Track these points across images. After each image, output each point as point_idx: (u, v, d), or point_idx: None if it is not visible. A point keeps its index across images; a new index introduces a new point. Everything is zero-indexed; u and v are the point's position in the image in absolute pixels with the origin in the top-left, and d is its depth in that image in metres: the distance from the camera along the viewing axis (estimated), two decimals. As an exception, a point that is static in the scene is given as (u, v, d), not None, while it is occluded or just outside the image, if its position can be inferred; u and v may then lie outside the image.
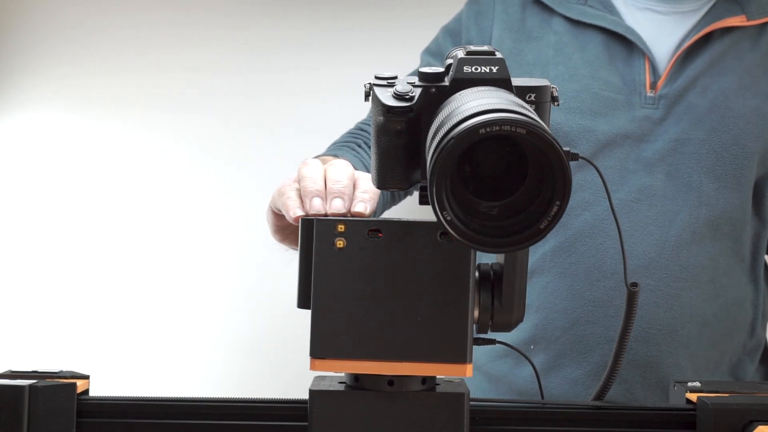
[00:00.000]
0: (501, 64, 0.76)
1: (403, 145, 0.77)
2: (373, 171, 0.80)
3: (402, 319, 0.79)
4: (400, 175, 0.78)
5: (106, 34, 2.03)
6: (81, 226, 2.02)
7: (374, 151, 0.79)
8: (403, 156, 0.77)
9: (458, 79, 0.76)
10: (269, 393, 0.90)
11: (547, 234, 0.67)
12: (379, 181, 0.79)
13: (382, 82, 0.79)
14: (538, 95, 0.78)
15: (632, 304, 0.89)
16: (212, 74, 2.03)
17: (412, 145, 0.77)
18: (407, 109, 0.76)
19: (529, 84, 0.78)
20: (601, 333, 1.31)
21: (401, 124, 0.77)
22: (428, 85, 0.77)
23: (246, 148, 2.03)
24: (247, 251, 1.98)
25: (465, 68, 0.76)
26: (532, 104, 0.77)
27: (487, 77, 0.76)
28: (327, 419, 0.81)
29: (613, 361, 0.91)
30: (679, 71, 1.34)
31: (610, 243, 1.31)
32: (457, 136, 0.63)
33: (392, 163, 0.78)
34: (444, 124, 0.67)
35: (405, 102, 0.76)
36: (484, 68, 0.76)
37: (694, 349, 1.31)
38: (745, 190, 1.34)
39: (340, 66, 2.03)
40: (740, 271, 1.35)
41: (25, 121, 2.05)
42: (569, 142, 1.33)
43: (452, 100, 0.73)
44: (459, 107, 0.68)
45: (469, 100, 0.69)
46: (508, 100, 0.69)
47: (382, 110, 0.77)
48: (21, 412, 0.81)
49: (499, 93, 0.71)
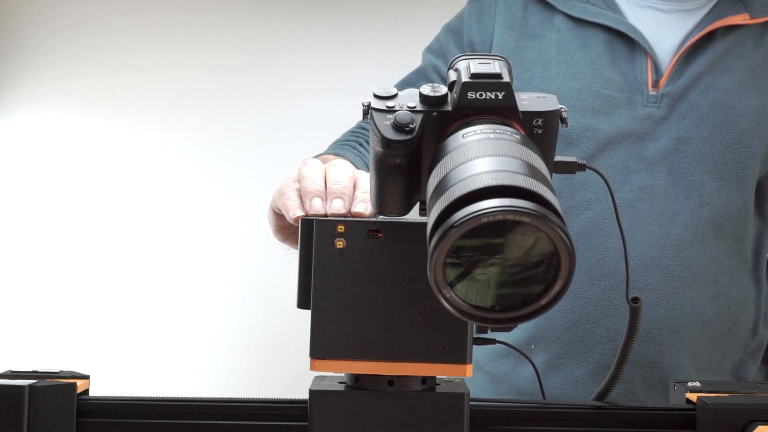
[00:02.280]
0: (507, 89, 0.72)
1: (402, 174, 0.74)
2: (372, 195, 0.78)
3: (402, 320, 0.79)
4: (399, 203, 0.75)
5: (106, 34, 2.03)
6: (81, 226, 2.02)
7: (373, 176, 0.77)
8: (402, 185, 0.75)
9: (462, 106, 0.72)
10: (269, 393, 0.90)
11: (548, 310, 0.64)
12: (379, 207, 0.77)
13: (380, 105, 0.74)
14: (545, 120, 0.74)
15: (635, 320, 0.88)
16: (212, 74, 2.03)
17: (411, 171, 0.74)
18: (408, 142, 0.73)
19: (536, 108, 0.74)
20: (601, 332, 1.30)
21: (401, 157, 0.74)
22: (430, 109, 0.73)
23: (246, 148, 2.03)
24: (247, 251, 1.98)
25: (469, 94, 0.72)
26: (539, 130, 0.74)
27: (492, 104, 0.72)
28: (327, 419, 0.81)
29: (614, 370, 0.91)
30: (682, 70, 1.33)
31: (611, 242, 1.31)
32: (459, 225, 0.59)
33: (391, 192, 0.75)
34: (445, 192, 0.63)
35: (405, 135, 0.73)
36: (489, 94, 0.72)
37: (696, 349, 1.31)
38: (747, 189, 1.33)
39: (340, 66, 2.04)
40: (742, 271, 1.35)
41: (25, 121, 2.05)
42: (571, 141, 1.33)
43: (456, 153, 0.67)
44: (462, 179, 0.63)
45: (473, 171, 0.63)
46: (515, 164, 0.63)
47: (381, 142, 0.73)
48: (21, 412, 0.81)
49: (504, 148, 0.66)
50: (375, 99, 0.75)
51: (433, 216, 0.63)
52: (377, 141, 0.73)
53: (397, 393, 0.81)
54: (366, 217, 0.87)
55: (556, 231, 0.60)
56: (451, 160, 0.67)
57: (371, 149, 0.76)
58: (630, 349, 0.89)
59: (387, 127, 0.73)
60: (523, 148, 0.67)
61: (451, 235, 0.60)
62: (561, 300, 0.62)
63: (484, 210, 0.59)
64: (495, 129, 0.69)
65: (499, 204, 0.59)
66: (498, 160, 0.63)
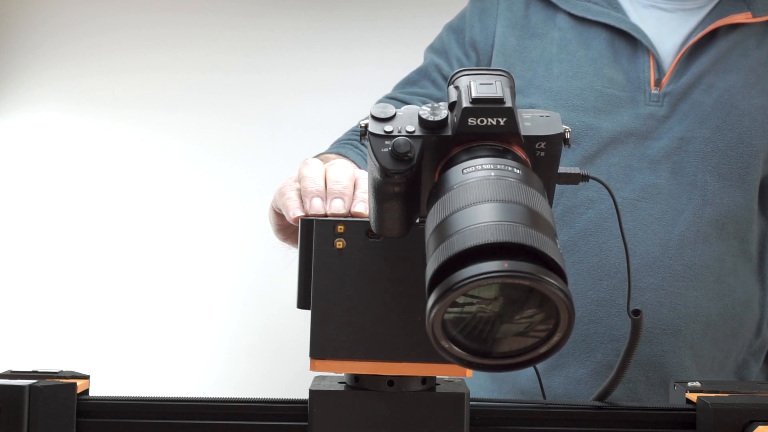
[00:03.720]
0: (509, 115, 0.69)
1: (401, 199, 0.72)
2: (371, 216, 0.76)
3: (402, 320, 0.79)
4: (398, 226, 0.73)
5: (106, 34, 2.03)
6: (81, 226, 2.02)
7: (371, 199, 0.75)
8: (400, 209, 0.73)
9: (463, 132, 0.70)
10: (269, 393, 0.90)
11: (548, 358, 0.63)
12: (377, 229, 0.75)
13: (378, 129, 0.71)
14: (548, 144, 0.72)
15: (636, 332, 0.87)
16: (212, 74, 2.03)
17: (410, 196, 0.72)
18: (407, 171, 0.70)
19: (539, 132, 0.72)
20: (604, 332, 1.30)
21: (400, 185, 0.71)
22: (429, 134, 0.70)
23: (246, 148, 2.03)
24: (247, 252, 1.98)
25: (470, 120, 0.69)
26: (541, 153, 0.72)
27: (493, 131, 0.69)
28: (327, 419, 0.81)
29: (614, 376, 0.91)
30: (684, 68, 1.33)
31: (614, 242, 1.31)
32: (457, 288, 0.59)
33: (390, 216, 0.73)
34: (444, 242, 0.62)
35: (404, 164, 0.70)
36: (491, 120, 0.69)
37: (699, 348, 1.31)
38: (750, 188, 1.33)
39: (340, 66, 2.04)
40: (747, 271, 1.35)
41: (25, 121, 2.05)
42: (573, 140, 1.33)
43: (456, 193, 0.65)
44: (461, 229, 0.61)
45: (472, 222, 0.61)
46: (515, 211, 0.62)
47: (380, 171, 0.71)
48: (21, 412, 0.81)
49: (505, 192, 0.64)
50: (372, 121, 0.72)
51: (432, 266, 0.62)
52: (375, 168, 0.71)
53: (397, 393, 0.81)
54: (366, 217, 0.87)
55: (556, 293, 0.59)
56: (451, 201, 0.65)
57: (369, 173, 0.74)
58: (630, 361, 0.89)
59: (385, 155, 0.70)
60: (524, 188, 0.65)
61: (448, 298, 0.60)
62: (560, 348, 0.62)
63: (483, 275, 0.58)
64: (496, 164, 0.67)
65: (498, 269, 0.58)
66: (498, 209, 0.62)
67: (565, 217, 1.32)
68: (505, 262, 0.58)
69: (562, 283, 0.60)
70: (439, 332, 0.62)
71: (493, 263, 0.59)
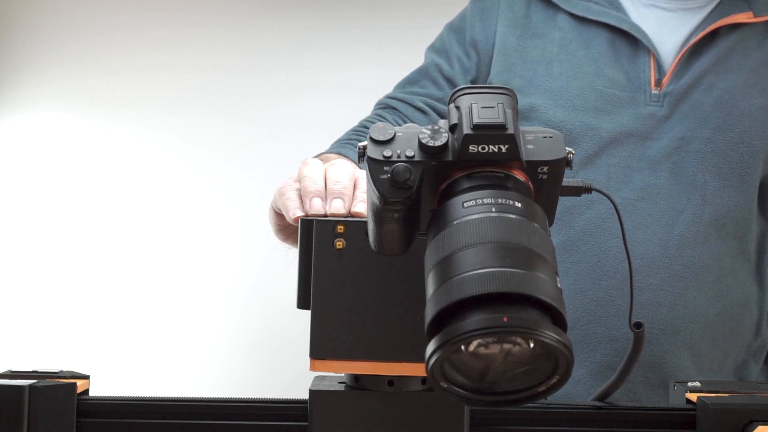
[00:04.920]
0: (511, 142, 0.68)
1: (401, 222, 0.71)
2: (370, 236, 0.75)
3: (402, 320, 0.79)
4: (398, 246, 0.73)
5: (107, 34, 2.03)
6: (81, 226, 2.02)
7: (370, 220, 0.74)
8: (400, 231, 0.72)
9: (464, 159, 0.68)
10: (269, 393, 0.90)
11: (546, 396, 0.63)
12: (377, 248, 0.75)
13: (377, 154, 0.69)
14: (551, 168, 0.71)
15: (638, 344, 0.87)
16: (212, 74, 2.03)
17: (410, 218, 0.71)
18: (406, 199, 0.69)
19: (542, 157, 0.70)
20: (603, 332, 1.30)
21: (399, 212, 0.70)
22: (429, 159, 0.69)
23: (246, 148, 2.03)
24: (248, 252, 1.98)
25: (471, 147, 0.68)
26: (544, 176, 0.71)
27: (495, 158, 0.68)
28: (327, 419, 0.81)
29: (613, 383, 0.91)
30: (685, 68, 1.33)
31: (613, 242, 1.31)
32: (454, 342, 0.59)
33: (390, 237, 0.73)
34: (443, 285, 0.62)
35: (404, 192, 0.69)
36: (493, 147, 0.68)
37: (698, 349, 1.31)
38: (750, 189, 1.33)
39: (340, 66, 2.04)
40: (746, 271, 1.35)
41: (25, 121, 2.05)
42: (573, 140, 1.33)
43: (456, 230, 0.65)
44: (460, 273, 0.61)
45: (471, 267, 0.61)
46: (515, 256, 0.62)
47: (379, 198, 0.69)
48: (21, 412, 0.81)
49: (505, 232, 0.63)
50: (371, 144, 0.70)
51: (431, 310, 0.63)
52: (374, 195, 0.70)
53: (397, 393, 0.81)
54: (366, 218, 0.87)
55: (554, 345, 0.59)
56: (451, 238, 0.65)
57: (368, 196, 0.73)
58: (629, 372, 0.89)
59: (384, 183, 0.69)
60: (525, 225, 0.65)
61: (447, 349, 0.60)
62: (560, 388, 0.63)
63: (481, 330, 0.59)
64: (497, 198, 0.66)
65: (497, 324, 0.59)
66: (498, 252, 0.62)
67: (564, 217, 1.32)
68: (504, 316, 0.59)
69: (560, 333, 0.60)
70: (438, 376, 0.62)
71: (493, 317, 0.59)
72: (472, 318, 0.59)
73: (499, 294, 0.60)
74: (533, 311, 0.60)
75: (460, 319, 0.60)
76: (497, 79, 1.39)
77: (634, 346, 0.87)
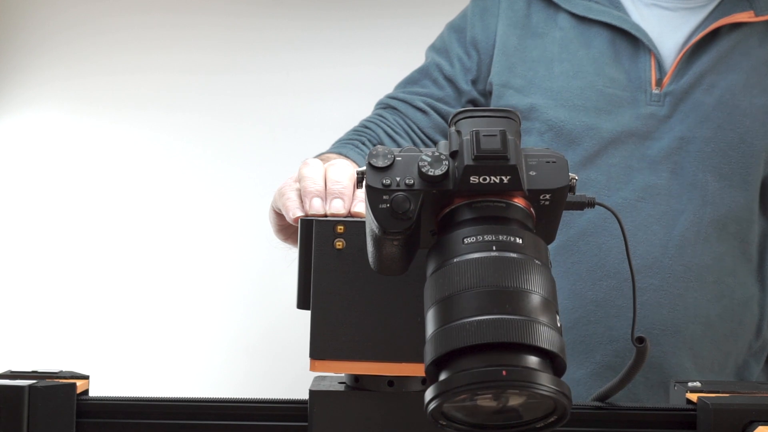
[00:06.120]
0: (513, 173, 0.66)
1: (400, 248, 0.71)
2: (369, 257, 0.75)
3: (401, 320, 0.79)
4: (398, 267, 0.72)
5: (107, 34, 2.03)
6: (81, 227, 2.02)
7: (369, 244, 0.73)
8: (399, 255, 0.71)
9: (464, 189, 0.67)
10: (269, 393, 0.90)
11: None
12: (377, 269, 0.74)
13: (376, 182, 0.68)
14: (553, 196, 0.69)
15: (640, 359, 0.87)
16: (212, 74, 2.03)
17: (409, 241, 0.70)
18: (406, 229, 0.68)
19: (544, 186, 0.69)
20: (603, 333, 1.30)
21: (399, 240, 0.69)
22: (429, 188, 0.68)
23: (246, 148, 2.03)
24: (248, 252, 1.98)
25: (472, 179, 0.66)
26: (546, 202, 0.70)
27: (496, 189, 0.67)
28: (327, 419, 0.81)
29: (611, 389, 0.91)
30: (686, 68, 1.33)
31: (613, 242, 1.31)
32: (454, 392, 0.60)
33: (389, 261, 0.72)
34: (441, 329, 0.62)
35: (403, 222, 0.68)
36: (494, 178, 0.66)
37: (698, 350, 1.31)
38: (751, 189, 1.33)
39: (340, 66, 2.04)
40: (747, 272, 1.34)
41: (25, 121, 2.05)
42: (573, 140, 1.33)
43: (455, 269, 0.64)
44: (458, 320, 0.62)
45: (470, 314, 0.62)
46: (515, 302, 0.62)
47: (377, 228, 0.68)
48: (21, 412, 0.81)
49: (504, 274, 0.63)
50: (370, 170, 0.68)
51: (431, 353, 0.63)
52: (373, 224, 0.69)
53: (397, 393, 0.81)
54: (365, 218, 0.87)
55: (551, 395, 0.61)
56: (451, 278, 0.64)
57: (366, 223, 0.72)
58: (629, 381, 0.89)
59: (383, 213, 0.68)
60: (526, 265, 0.64)
61: (445, 398, 0.61)
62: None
63: (480, 384, 0.60)
64: (498, 235, 0.65)
65: (496, 378, 0.59)
66: (498, 299, 0.62)
67: (564, 218, 1.31)
68: (503, 369, 0.59)
69: (558, 382, 0.61)
70: (437, 416, 0.63)
71: (492, 370, 0.60)
72: (471, 370, 0.60)
73: (498, 345, 0.60)
74: (532, 358, 0.61)
75: (460, 366, 0.61)
76: (498, 78, 1.39)
77: (635, 361, 0.88)
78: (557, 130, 1.34)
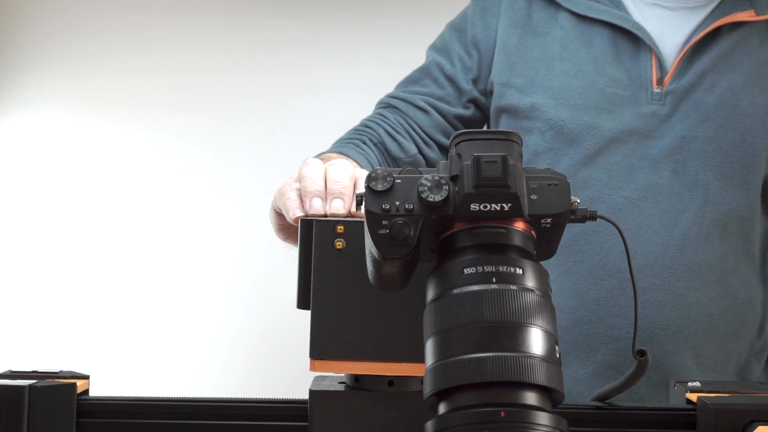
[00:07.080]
0: (514, 200, 0.65)
1: (399, 268, 0.70)
2: (369, 274, 0.74)
3: (402, 320, 0.79)
4: (398, 285, 0.72)
5: (107, 34, 2.03)
6: (81, 227, 2.02)
7: (368, 262, 0.73)
8: (398, 276, 0.71)
9: (464, 216, 0.66)
10: (269, 393, 0.90)
11: None
12: (376, 286, 0.74)
13: (375, 206, 0.67)
14: (554, 219, 0.69)
15: (640, 371, 0.87)
16: (212, 74, 2.03)
17: (409, 262, 0.70)
18: (406, 255, 0.67)
19: (545, 211, 0.68)
20: (604, 332, 1.30)
21: (398, 265, 0.69)
22: (429, 213, 0.67)
23: (246, 148, 2.03)
24: (248, 252, 1.98)
25: (473, 206, 0.66)
26: (547, 225, 0.69)
27: (497, 215, 0.66)
28: (327, 419, 0.81)
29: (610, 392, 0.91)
30: (687, 67, 1.33)
31: (614, 241, 1.31)
32: (452, 430, 0.61)
33: (390, 282, 0.72)
34: (439, 363, 0.63)
35: (402, 249, 0.67)
36: (495, 206, 0.66)
37: (700, 349, 1.30)
38: (753, 188, 1.33)
39: (340, 66, 2.04)
40: (750, 271, 1.34)
41: (25, 121, 2.05)
42: (574, 139, 1.33)
43: (454, 301, 0.64)
44: (456, 356, 0.62)
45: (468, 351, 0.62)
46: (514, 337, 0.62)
47: (377, 253, 0.68)
48: (21, 412, 0.81)
49: (503, 309, 0.63)
50: (369, 194, 0.68)
51: (430, 384, 0.64)
52: (373, 249, 0.68)
53: (397, 393, 0.81)
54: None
55: None
56: (451, 310, 0.64)
57: (366, 245, 0.71)
58: (627, 389, 0.90)
59: (383, 239, 0.67)
60: (526, 299, 0.64)
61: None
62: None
63: (477, 426, 0.60)
64: (498, 266, 0.65)
65: (494, 420, 0.60)
66: (498, 335, 0.62)
67: (565, 217, 1.32)
68: (502, 411, 0.60)
69: (556, 421, 0.62)
70: None
71: (490, 411, 0.60)
72: (470, 410, 0.61)
73: (497, 383, 0.61)
74: (530, 395, 0.62)
75: (460, 401, 0.62)
76: (498, 78, 1.39)
77: (635, 372, 0.88)
78: (558, 129, 1.34)
